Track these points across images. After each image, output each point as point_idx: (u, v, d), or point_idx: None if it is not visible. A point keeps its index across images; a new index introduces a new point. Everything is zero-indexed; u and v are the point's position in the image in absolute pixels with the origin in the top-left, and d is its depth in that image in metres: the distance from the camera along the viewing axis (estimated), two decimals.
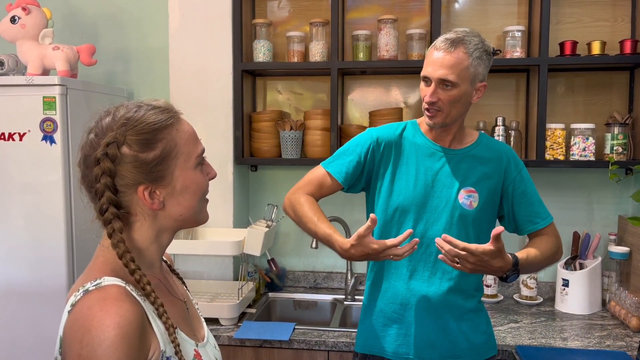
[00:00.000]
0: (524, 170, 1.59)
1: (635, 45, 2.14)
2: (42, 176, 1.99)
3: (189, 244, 2.16)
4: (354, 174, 1.59)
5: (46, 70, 2.19)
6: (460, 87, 1.45)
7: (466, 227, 1.52)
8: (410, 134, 1.59)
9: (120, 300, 0.83)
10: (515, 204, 1.57)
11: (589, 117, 2.31)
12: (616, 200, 2.34)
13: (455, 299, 1.53)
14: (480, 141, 1.59)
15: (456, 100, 1.46)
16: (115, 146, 0.89)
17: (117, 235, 0.89)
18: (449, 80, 1.43)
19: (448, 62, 1.43)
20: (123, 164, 0.89)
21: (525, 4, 2.33)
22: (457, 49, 1.43)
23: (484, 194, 1.53)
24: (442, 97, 1.45)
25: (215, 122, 2.32)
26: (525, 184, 1.57)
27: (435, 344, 1.53)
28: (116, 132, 0.89)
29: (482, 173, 1.54)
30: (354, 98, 2.50)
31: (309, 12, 2.46)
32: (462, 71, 1.43)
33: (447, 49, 1.44)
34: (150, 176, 0.91)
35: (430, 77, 1.46)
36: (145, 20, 2.54)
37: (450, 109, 1.47)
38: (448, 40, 1.44)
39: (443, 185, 1.53)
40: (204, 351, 1.00)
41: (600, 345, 1.84)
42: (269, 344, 1.90)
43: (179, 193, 0.94)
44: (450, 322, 1.53)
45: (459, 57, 1.43)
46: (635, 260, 2.13)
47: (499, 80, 2.37)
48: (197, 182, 0.96)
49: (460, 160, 1.55)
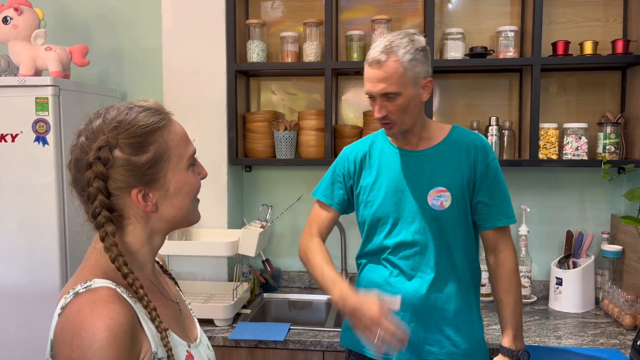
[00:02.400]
0: (493, 163, 1.53)
1: (627, 45, 2.15)
2: (34, 177, 1.98)
3: (183, 245, 2.15)
4: (341, 195, 1.64)
5: (38, 71, 2.17)
6: (404, 94, 1.44)
7: (441, 229, 1.51)
8: (379, 144, 1.61)
9: (110, 302, 0.83)
10: (480, 198, 1.53)
11: (581, 116, 2.32)
12: (609, 199, 2.35)
13: (436, 300, 1.51)
14: (450, 136, 1.56)
15: (405, 107, 1.45)
16: (107, 150, 0.88)
17: (109, 238, 0.88)
18: (391, 92, 1.43)
19: (383, 75, 1.42)
20: (115, 167, 0.89)
21: (518, 4, 2.34)
22: (387, 60, 1.42)
23: (456, 192, 1.51)
24: (390, 109, 1.45)
25: (209, 122, 2.32)
26: (491, 179, 1.52)
27: (415, 346, 1.51)
28: (108, 136, 0.89)
29: (451, 170, 1.52)
30: (348, 98, 2.50)
31: (302, 12, 2.46)
32: (400, 79, 1.42)
33: (378, 62, 1.42)
34: (143, 179, 0.90)
35: (372, 93, 1.46)
36: (138, 21, 2.53)
37: (402, 117, 1.47)
38: (377, 53, 1.43)
39: (412, 188, 1.53)
40: (196, 352, 0.99)
41: (594, 343, 1.85)
42: (264, 344, 1.90)
43: (172, 195, 0.94)
44: (431, 325, 1.51)
45: (391, 67, 1.41)
46: (628, 259, 2.15)
47: (492, 80, 2.38)
48: (190, 183, 0.96)
49: (427, 160, 1.53)
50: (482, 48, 2.21)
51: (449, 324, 1.52)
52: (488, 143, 1.57)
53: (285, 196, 2.50)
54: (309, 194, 2.45)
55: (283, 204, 2.46)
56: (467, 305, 1.55)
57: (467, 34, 2.29)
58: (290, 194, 2.49)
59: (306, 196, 2.45)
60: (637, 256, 2.06)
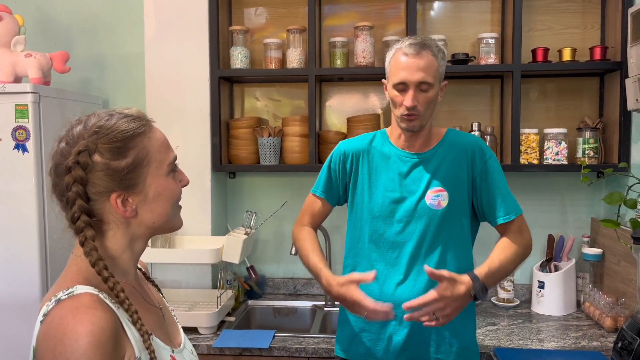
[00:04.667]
0: (491, 161, 1.56)
1: (604, 51, 2.19)
2: (14, 185, 1.95)
3: (167, 253, 2.13)
4: (332, 187, 1.67)
5: (18, 77, 2.15)
6: (434, 88, 1.49)
7: (438, 228, 1.53)
8: (379, 143, 1.63)
9: (92, 308, 0.83)
10: (482, 196, 1.56)
11: (561, 122, 2.36)
12: (588, 202, 2.39)
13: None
14: (447, 137, 1.60)
15: (432, 100, 1.50)
16: (86, 154, 0.88)
17: (89, 243, 0.88)
18: (427, 82, 1.46)
19: (423, 65, 1.46)
20: (95, 172, 0.89)
21: (498, 11, 2.37)
22: (425, 51, 1.47)
23: (453, 191, 1.54)
24: (420, 101, 1.48)
25: (192, 129, 2.31)
26: (491, 176, 1.55)
27: (412, 347, 1.53)
28: (87, 141, 0.89)
29: (449, 170, 1.55)
30: (332, 104, 2.51)
31: (286, 19, 2.47)
32: (435, 72, 1.48)
33: (417, 52, 1.46)
34: (122, 184, 0.91)
35: (408, 82, 1.47)
36: (120, 27, 2.51)
37: (426, 110, 1.51)
38: (416, 45, 1.47)
39: (411, 189, 1.55)
40: (180, 357, 0.99)
41: (576, 345, 1.87)
42: (249, 352, 1.88)
43: (152, 200, 0.94)
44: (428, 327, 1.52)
45: (429, 59, 1.47)
46: (608, 262, 2.18)
47: (474, 86, 2.41)
48: (170, 189, 0.97)
49: (427, 162, 1.56)
50: (464, 55, 2.24)
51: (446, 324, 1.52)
52: (484, 142, 1.61)
53: (269, 202, 2.49)
54: (293, 200, 2.47)
55: (267, 211, 2.45)
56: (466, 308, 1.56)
57: (448, 41, 2.31)
58: (275, 200, 2.48)
59: (290, 202, 2.44)
60: (616, 259, 2.10)
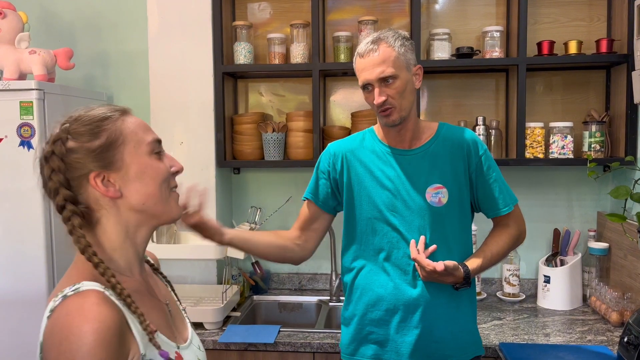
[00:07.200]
0: (486, 155, 1.56)
1: (611, 44, 2.17)
2: (19, 182, 1.96)
3: (172, 248, 2.14)
4: (320, 188, 1.64)
5: (23, 74, 2.15)
6: (401, 77, 1.47)
7: (440, 225, 1.52)
8: (368, 142, 1.61)
9: (98, 306, 0.83)
10: (479, 190, 1.56)
11: (567, 115, 2.34)
12: (595, 197, 2.37)
13: (437, 296, 1.52)
14: (439, 132, 1.58)
15: (403, 90, 1.48)
16: (60, 143, 0.90)
17: (77, 231, 0.89)
18: (389, 75, 1.46)
19: (379, 60, 1.46)
20: (71, 156, 0.90)
21: (503, 4, 2.36)
22: (380, 46, 1.46)
23: (452, 187, 1.53)
24: (389, 93, 1.47)
25: (196, 125, 2.31)
26: (487, 170, 1.55)
27: (420, 346, 1.52)
28: (60, 130, 0.91)
29: (446, 166, 1.54)
30: (336, 99, 2.51)
31: (289, 13, 2.46)
32: (395, 62, 1.46)
33: (371, 49, 1.47)
34: (98, 163, 0.91)
35: (369, 81, 1.48)
36: (124, 24, 2.51)
37: (401, 101, 1.48)
38: (369, 42, 1.48)
39: (409, 187, 1.53)
40: (185, 353, 0.99)
41: (582, 340, 1.87)
42: (254, 347, 1.89)
43: (135, 178, 0.94)
44: (436, 322, 1.52)
45: (385, 51, 1.46)
46: (614, 256, 2.17)
47: (479, 79, 2.39)
48: (154, 167, 0.96)
49: (421, 159, 1.54)
50: (469, 48, 2.22)
51: (450, 318, 1.53)
52: (477, 136, 1.60)
53: (274, 198, 2.49)
54: (298, 195, 2.46)
55: (272, 206, 2.45)
56: (467, 299, 1.57)
57: (453, 35, 2.30)
58: (279, 195, 2.48)
59: (295, 198, 2.44)
60: (623, 253, 2.09)
